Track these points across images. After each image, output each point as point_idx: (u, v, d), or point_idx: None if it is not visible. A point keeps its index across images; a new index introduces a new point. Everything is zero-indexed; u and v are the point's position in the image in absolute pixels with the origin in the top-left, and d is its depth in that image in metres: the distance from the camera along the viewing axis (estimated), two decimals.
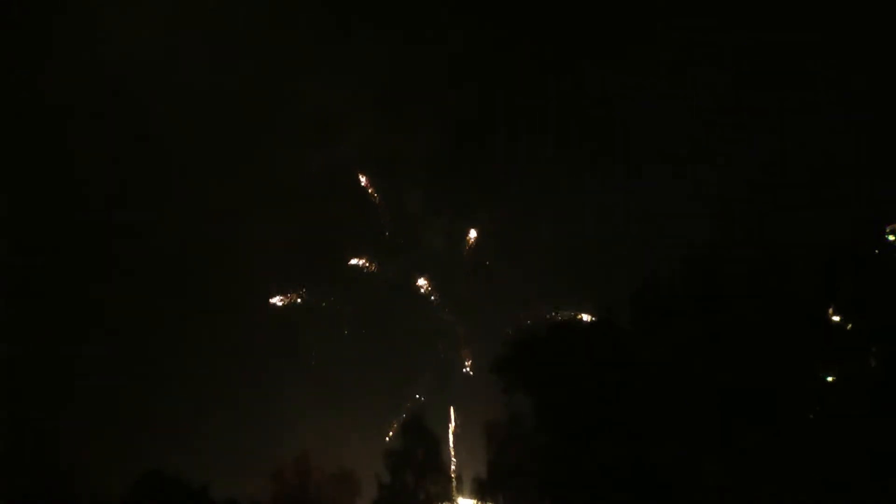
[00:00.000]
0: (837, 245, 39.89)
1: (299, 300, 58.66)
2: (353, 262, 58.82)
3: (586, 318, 44.92)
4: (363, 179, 60.03)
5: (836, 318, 39.67)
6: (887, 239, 40.43)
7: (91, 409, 51.88)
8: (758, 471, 38.41)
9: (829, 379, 39.36)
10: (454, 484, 50.42)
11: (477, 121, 58.16)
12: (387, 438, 51.61)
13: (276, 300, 58.61)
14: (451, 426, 55.49)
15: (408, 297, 58.13)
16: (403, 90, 59.68)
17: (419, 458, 48.93)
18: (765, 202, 46.85)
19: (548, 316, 50.55)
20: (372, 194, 59.68)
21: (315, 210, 58.28)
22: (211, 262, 55.65)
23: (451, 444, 54.89)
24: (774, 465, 38.23)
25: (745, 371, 38.57)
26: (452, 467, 51.57)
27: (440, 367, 56.59)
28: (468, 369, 56.55)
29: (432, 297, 57.69)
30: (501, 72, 57.35)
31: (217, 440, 51.55)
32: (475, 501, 49.26)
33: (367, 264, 58.64)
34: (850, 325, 39.36)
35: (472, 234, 59.22)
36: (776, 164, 47.33)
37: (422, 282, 58.46)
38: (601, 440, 40.27)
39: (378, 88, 58.98)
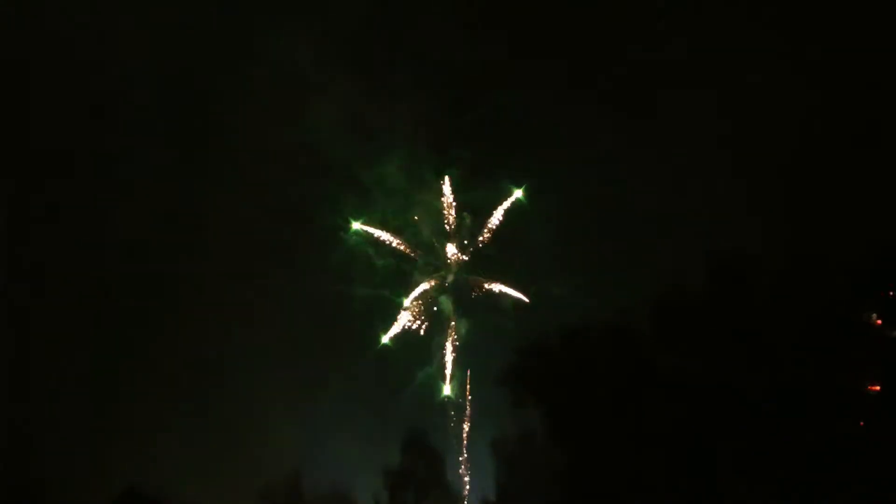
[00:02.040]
0: (876, 246, 37.86)
1: None
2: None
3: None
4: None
5: (877, 324, 37.68)
6: None
7: (66, 422, 48.56)
8: (791, 487, 35.94)
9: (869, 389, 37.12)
10: None
11: (474, 88, 50.93)
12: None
13: None
14: (456, 442, 52.61)
15: (400, 295, 53.79)
16: (382, 47, 51.77)
17: (421, 478, 46.67)
18: (795, 201, 44.23)
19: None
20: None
21: (281, 193, 52.19)
22: (185, 259, 50.92)
23: (456, 462, 51.92)
24: (809, 480, 35.68)
25: (776, 381, 36.48)
26: (458, 488, 49.07)
27: (442, 377, 53.13)
28: (471, 381, 52.97)
29: (427, 297, 53.41)
30: (506, 26, 50.15)
31: (201, 456, 48.35)
32: None
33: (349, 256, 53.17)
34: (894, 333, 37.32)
35: (468, 221, 54.00)
36: (807, 160, 44.53)
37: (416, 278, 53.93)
38: (620, 457, 37.90)
39: (352, 46, 51.18)
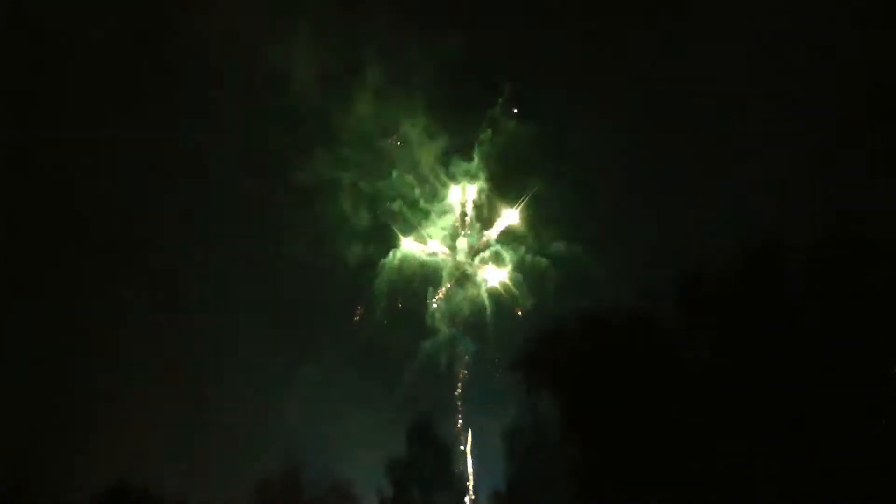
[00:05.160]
0: None
1: None
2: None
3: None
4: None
5: None
6: None
7: (49, 414, 45.92)
8: (818, 486, 34.09)
9: None
10: (468, 499, 46.04)
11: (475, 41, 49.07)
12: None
13: None
14: (465, 433, 50.64)
15: (404, 275, 51.17)
16: None
17: (427, 470, 44.74)
18: (834, 181, 42.20)
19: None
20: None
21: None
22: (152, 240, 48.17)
23: (465, 454, 50.01)
24: (839, 479, 33.76)
25: (808, 373, 34.58)
26: (467, 480, 46.78)
27: (451, 363, 50.82)
28: (483, 366, 50.69)
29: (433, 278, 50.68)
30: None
31: (194, 448, 46.24)
32: None
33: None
34: None
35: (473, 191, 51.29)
36: (848, 138, 42.40)
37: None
38: (639, 449, 36.20)
39: None
